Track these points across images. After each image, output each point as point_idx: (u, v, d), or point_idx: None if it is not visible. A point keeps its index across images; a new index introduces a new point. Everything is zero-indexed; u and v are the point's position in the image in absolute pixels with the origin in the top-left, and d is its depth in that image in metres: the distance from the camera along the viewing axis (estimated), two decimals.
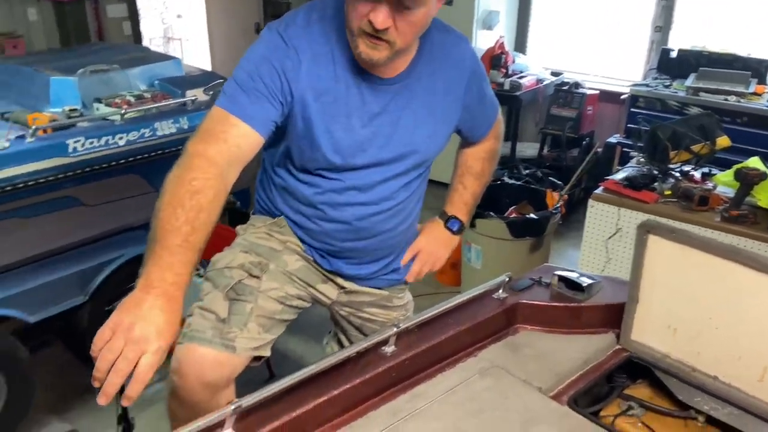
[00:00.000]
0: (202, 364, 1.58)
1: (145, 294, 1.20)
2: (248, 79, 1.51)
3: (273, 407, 1.50)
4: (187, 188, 1.29)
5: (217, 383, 1.62)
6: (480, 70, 1.85)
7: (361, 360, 1.69)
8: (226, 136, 1.43)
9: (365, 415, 1.58)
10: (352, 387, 1.60)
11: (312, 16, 1.60)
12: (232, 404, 1.38)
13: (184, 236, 1.25)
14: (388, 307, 2.04)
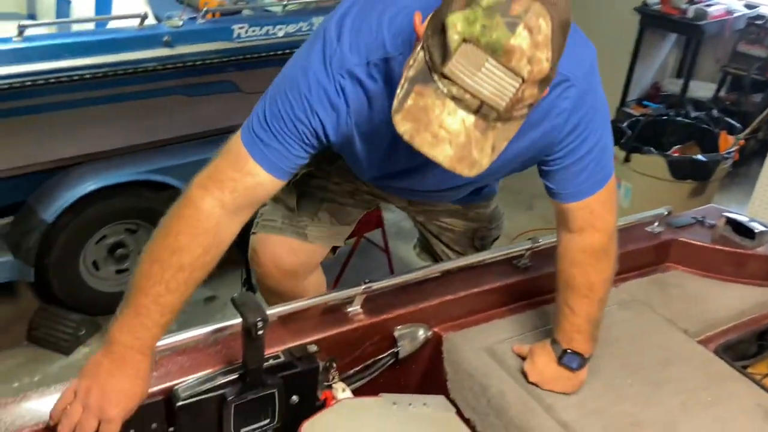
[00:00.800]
0: (275, 251, 1.59)
1: (104, 356, 1.13)
2: (279, 118, 1.16)
3: (400, 296, 1.51)
4: (170, 242, 1.13)
5: (295, 270, 1.63)
6: (580, 133, 1.21)
7: (493, 267, 1.64)
8: (236, 185, 1.15)
9: (491, 322, 1.54)
10: (481, 291, 1.57)
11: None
12: (363, 284, 1.40)
13: (154, 297, 1.11)
14: (467, 217, 1.79)
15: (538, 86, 0.90)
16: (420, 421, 1.26)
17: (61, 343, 2.79)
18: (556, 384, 1.36)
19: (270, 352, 1.26)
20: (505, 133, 0.94)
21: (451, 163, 0.91)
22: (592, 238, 1.31)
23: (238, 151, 1.16)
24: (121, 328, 1.12)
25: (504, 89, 0.88)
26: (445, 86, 0.89)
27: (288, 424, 1.29)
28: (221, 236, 1.17)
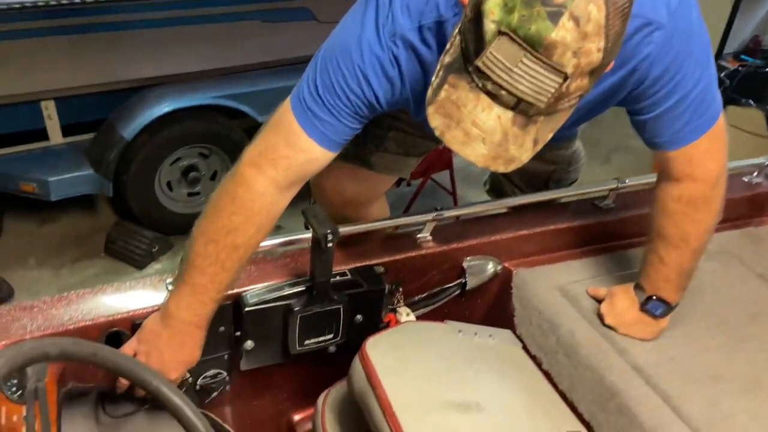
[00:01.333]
0: (338, 179, 1.53)
1: (162, 328, 1.13)
2: (331, 90, 1.08)
3: (472, 228, 1.46)
4: (224, 223, 1.11)
5: (357, 199, 1.58)
6: (671, 78, 1.07)
7: (572, 206, 1.56)
8: (289, 163, 1.10)
9: (565, 262, 1.47)
10: (557, 229, 1.49)
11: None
12: (434, 211, 1.36)
13: (211, 276, 1.11)
14: (544, 158, 1.63)
15: (588, 77, 0.79)
16: (485, 351, 1.23)
17: (136, 257, 2.91)
18: (634, 329, 1.28)
19: (338, 269, 1.25)
20: (551, 124, 0.85)
21: (485, 161, 0.84)
22: (690, 188, 1.19)
23: (290, 125, 1.09)
24: (179, 304, 1.12)
25: (544, 86, 0.77)
26: (479, 80, 0.79)
27: (350, 342, 1.29)
28: (273, 213, 1.14)
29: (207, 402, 1.28)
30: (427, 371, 1.10)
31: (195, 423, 0.95)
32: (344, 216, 1.58)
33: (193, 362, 1.16)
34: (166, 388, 0.95)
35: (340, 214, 1.58)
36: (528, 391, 1.18)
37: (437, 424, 1.00)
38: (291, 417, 1.44)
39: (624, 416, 1.17)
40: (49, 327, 1.08)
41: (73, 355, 0.86)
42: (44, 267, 2.89)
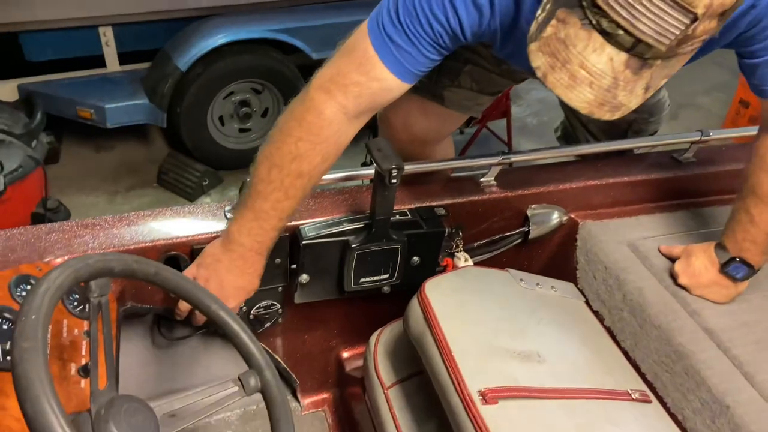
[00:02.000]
0: (408, 112, 1.45)
1: (223, 253, 1.10)
2: (413, 16, 1.01)
3: (539, 174, 1.38)
4: (290, 149, 1.05)
5: (425, 135, 1.50)
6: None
7: (649, 158, 1.46)
8: (360, 91, 1.04)
9: (636, 216, 1.39)
10: (630, 182, 1.41)
11: None
12: (500, 155, 1.29)
13: (273, 203, 1.07)
14: None
15: (717, 19, 0.71)
16: (547, 302, 1.18)
17: (187, 189, 2.94)
18: (709, 291, 1.20)
19: (398, 208, 1.21)
20: (666, 70, 0.77)
21: (590, 108, 0.76)
22: None
23: (365, 51, 1.02)
24: (240, 229, 1.09)
25: (668, 27, 0.69)
26: (593, 16, 0.71)
27: (405, 284, 1.25)
28: (340, 143, 1.09)
29: (259, 332, 1.27)
30: (487, 317, 1.06)
31: (252, 349, 0.93)
32: (408, 154, 1.52)
33: (252, 290, 1.14)
34: (224, 312, 0.93)
35: (405, 151, 1.51)
36: (590, 346, 1.13)
37: (497, 371, 0.96)
38: (341, 353, 1.44)
39: (691, 379, 1.11)
40: (110, 245, 1.07)
41: (136, 273, 0.85)
42: (100, 193, 2.95)
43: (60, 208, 2.73)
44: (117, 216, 1.14)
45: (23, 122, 2.55)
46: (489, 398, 0.90)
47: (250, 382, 0.91)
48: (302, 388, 1.44)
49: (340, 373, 1.43)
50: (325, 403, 1.47)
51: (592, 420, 0.97)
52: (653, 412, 1.07)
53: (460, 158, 1.30)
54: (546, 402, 0.95)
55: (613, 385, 1.06)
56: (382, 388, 1.15)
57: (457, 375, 0.93)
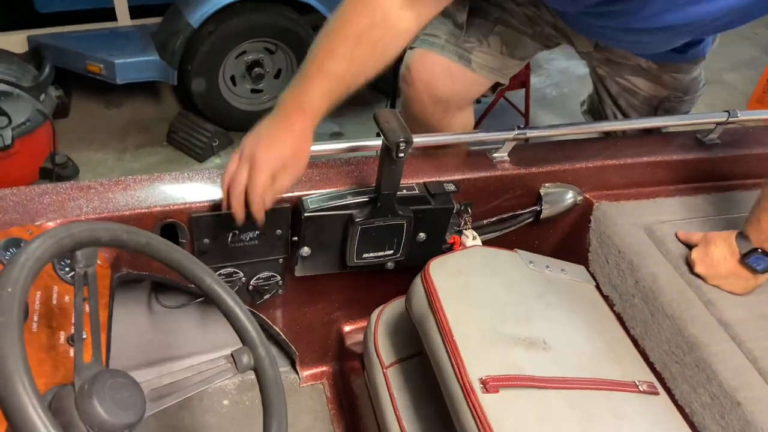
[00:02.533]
0: (432, 72, 1.38)
1: (268, 120, 1.05)
2: None
3: (554, 152, 1.32)
4: (340, 13, 1.05)
5: (447, 99, 1.43)
6: None
7: (670, 138, 1.40)
8: None
9: (654, 198, 1.33)
10: (650, 162, 1.34)
11: None
12: (514, 128, 1.23)
13: (319, 65, 1.04)
14: (659, 81, 1.48)
15: None
16: (556, 286, 1.13)
17: (196, 150, 2.90)
18: (727, 282, 1.15)
19: (405, 182, 1.15)
20: None
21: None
22: None
23: None
24: (288, 93, 1.07)
25: None
26: None
27: (410, 260, 1.21)
28: (390, 20, 1.07)
29: (258, 303, 1.24)
30: (493, 300, 1.02)
31: (246, 326, 0.90)
32: (428, 118, 1.46)
33: (297, 154, 1.05)
34: (219, 287, 0.90)
35: (425, 114, 1.45)
36: (598, 334, 1.08)
37: (500, 358, 0.92)
38: (342, 327, 1.41)
39: (702, 372, 1.07)
40: (105, 210, 1.04)
41: (126, 243, 0.81)
42: (108, 150, 2.92)
43: (68, 164, 2.71)
44: (113, 180, 1.10)
45: (32, 75, 2.51)
46: (490, 387, 0.86)
47: (243, 360, 0.88)
48: (301, 360, 1.42)
49: (340, 346, 1.41)
50: (324, 376, 1.45)
51: (597, 412, 0.93)
52: (660, 405, 1.04)
53: (473, 132, 1.23)
54: (549, 392, 0.91)
55: (621, 375, 1.02)
56: (381, 367, 1.12)
57: (458, 361, 0.89)
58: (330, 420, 1.38)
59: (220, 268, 1.16)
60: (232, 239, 1.13)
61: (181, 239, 1.11)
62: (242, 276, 1.19)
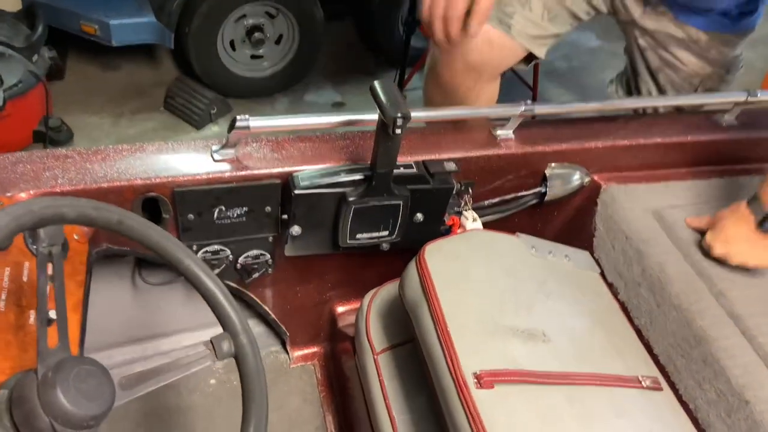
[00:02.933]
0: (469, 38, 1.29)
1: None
2: None
3: (562, 130, 1.25)
4: None
5: (481, 67, 1.38)
6: None
7: (685, 118, 1.32)
8: None
9: (666, 182, 1.26)
10: (663, 143, 1.27)
11: None
12: (521, 104, 1.15)
13: None
14: (706, 56, 1.42)
15: None
16: (559, 273, 1.07)
17: (194, 116, 2.82)
18: (750, 255, 1.06)
19: (403, 160, 1.09)
20: None
21: None
22: None
23: None
24: None
25: None
26: None
27: (406, 242, 1.15)
28: None
29: (247, 282, 1.19)
30: (491, 289, 0.96)
31: (228, 311, 0.85)
32: (455, 86, 1.39)
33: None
34: (198, 268, 0.84)
35: (454, 83, 1.39)
36: (602, 325, 1.03)
37: (497, 351, 0.87)
38: (334, 307, 1.36)
39: (709, 367, 1.02)
40: (81, 182, 0.98)
41: (95, 221, 0.75)
42: (104, 114, 2.85)
43: (62, 128, 2.64)
44: (92, 149, 1.04)
45: (24, 34, 2.43)
46: (484, 382, 0.81)
47: (223, 347, 0.83)
48: (292, 340, 1.38)
49: (332, 327, 1.36)
50: (316, 357, 1.40)
51: (596, 410, 0.88)
52: (663, 402, 0.99)
53: (477, 107, 1.16)
54: (547, 388, 0.86)
55: (623, 370, 0.97)
56: (372, 353, 1.07)
57: (451, 353, 0.84)
58: (320, 402, 1.34)
59: (205, 246, 1.11)
60: (218, 215, 1.07)
61: (164, 214, 1.05)
62: (229, 254, 1.13)
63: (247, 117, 1.00)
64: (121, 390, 0.75)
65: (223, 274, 1.15)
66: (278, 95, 3.08)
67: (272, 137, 1.11)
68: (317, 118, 1.05)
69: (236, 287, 1.22)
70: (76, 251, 0.96)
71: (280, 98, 3.08)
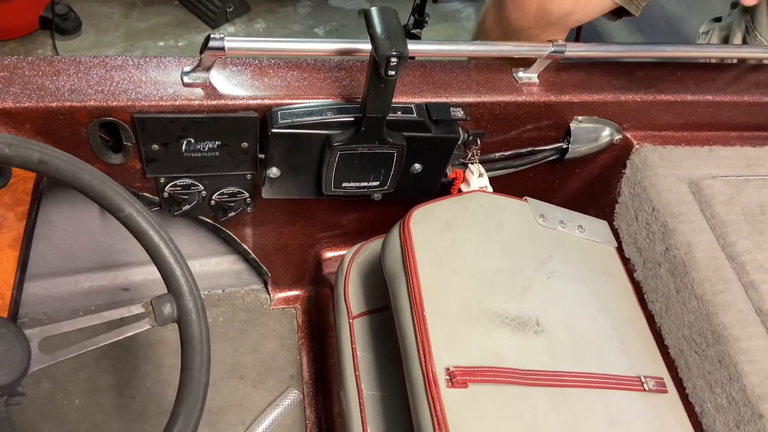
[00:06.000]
0: None
1: None
2: None
3: (595, 78, 1.07)
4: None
5: (558, 17, 1.16)
6: None
7: (747, 75, 1.12)
8: None
9: (709, 146, 1.09)
10: (713, 102, 1.08)
11: None
12: (550, 44, 0.97)
13: None
14: None
15: None
16: (568, 248, 0.93)
17: (209, 14, 2.63)
18: None
19: (401, 100, 0.93)
20: None
21: None
22: None
23: None
24: None
25: None
26: None
27: (401, 192, 1.02)
28: None
29: (222, 219, 1.08)
30: (483, 266, 0.83)
31: (173, 269, 0.74)
32: (519, 32, 1.20)
33: None
34: (141, 218, 0.73)
35: (518, 25, 1.19)
36: (608, 312, 0.90)
37: (478, 341, 0.76)
38: (321, 252, 1.25)
39: (724, 369, 0.90)
40: (26, 99, 0.85)
41: (11, 160, 0.63)
42: (115, 3, 2.67)
43: (69, 15, 2.48)
44: (47, 59, 0.90)
45: None
46: (457, 380, 0.70)
47: (165, 310, 0.72)
48: (274, 281, 1.28)
49: (317, 272, 1.26)
50: (298, 301, 1.31)
51: (587, 416, 0.77)
52: (666, 407, 0.87)
53: (494, 43, 0.97)
54: (532, 390, 0.75)
55: (625, 368, 0.85)
56: (348, 316, 0.97)
57: (424, 342, 0.73)
58: (297, 349, 1.26)
59: (174, 179, 0.99)
60: (186, 148, 0.94)
61: (126, 141, 0.92)
62: (202, 189, 1.01)
63: (223, 36, 0.84)
64: (41, 353, 0.66)
65: (196, 210, 1.04)
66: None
67: (254, 60, 0.96)
68: (306, 44, 0.88)
69: (212, 222, 1.11)
70: (20, 177, 0.85)
71: (304, 1, 2.85)
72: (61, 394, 1.17)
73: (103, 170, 0.71)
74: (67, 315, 1.24)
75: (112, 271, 1.21)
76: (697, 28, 1.42)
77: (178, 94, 0.89)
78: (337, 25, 2.80)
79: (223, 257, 1.28)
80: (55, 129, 0.87)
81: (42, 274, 1.18)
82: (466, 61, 1.05)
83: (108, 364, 1.21)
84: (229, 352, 1.25)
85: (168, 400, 1.18)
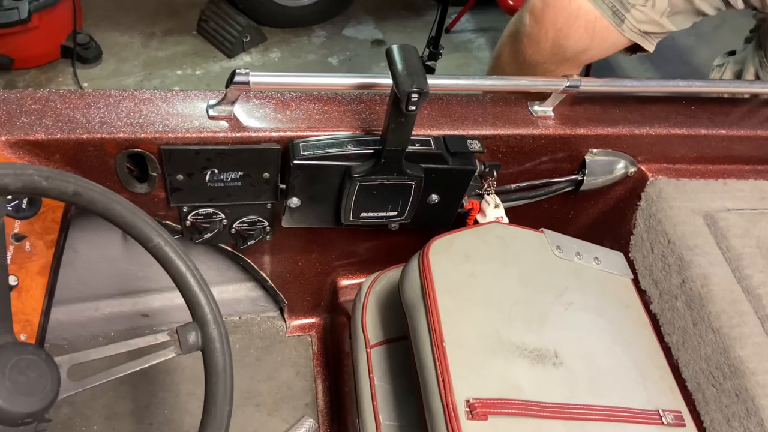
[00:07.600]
0: (572, 20, 1.12)
1: None
2: None
3: (610, 111, 1.09)
4: None
5: (573, 54, 1.17)
6: None
7: (757, 108, 1.14)
8: None
9: (724, 179, 1.10)
10: (728, 136, 1.10)
11: None
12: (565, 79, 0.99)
13: None
14: None
15: None
16: (583, 279, 0.94)
17: (226, 44, 2.69)
18: None
19: (419, 133, 0.95)
20: None
21: None
22: None
23: None
24: None
25: None
26: None
27: (418, 223, 1.04)
28: None
29: (242, 247, 1.10)
30: (501, 298, 0.84)
31: (199, 298, 0.75)
32: (535, 66, 1.21)
33: None
34: (169, 248, 0.75)
35: (534, 60, 1.21)
36: (626, 344, 0.91)
37: (497, 373, 0.76)
38: (338, 280, 1.26)
39: (742, 403, 0.90)
40: (59, 131, 0.88)
41: (47, 192, 0.66)
42: (135, 33, 2.74)
43: (90, 44, 2.55)
44: (78, 92, 0.93)
45: None
46: (477, 412, 0.71)
47: (189, 338, 0.74)
48: (290, 308, 1.30)
49: (333, 300, 1.27)
50: (313, 329, 1.32)
51: None
52: None
53: (511, 78, 0.99)
54: (551, 423, 0.75)
55: (643, 401, 0.86)
56: (366, 345, 0.98)
57: (444, 374, 0.74)
58: (313, 377, 1.27)
59: (197, 208, 1.01)
60: (210, 178, 0.96)
61: (152, 172, 0.95)
62: (224, 218, 1.03)
63: (248, 71, 0.87)
64: (69, 380, 0.68)
65: (216, 238, 1.06)
66: (316, 27, 2.91)
67: (276, 94, 0.99)
68: (326, 78, 0.91)
69: (231, 250, 1.13)
70: (49, 206, 0.88)
71: (318, 31, 2.91)
72: (79, 419, 1.18)
73: (128, 199, 0.74)
74: (86, 340, 1.26)
75: (132, 297, 1.23)
76: (706, 58, 1.44)
77: (203, 127, 0.92)
78: (350, 54, 2.85)
79: (240, 284, 1.29)
80: (85, 159, 0.90)
81: (64, 300, 1.20)
82: (482, 94, 1.07)
83: (126, 390, 1.22)
84: (245, 380, 1.25)
85: (185, 428, 1.19)
